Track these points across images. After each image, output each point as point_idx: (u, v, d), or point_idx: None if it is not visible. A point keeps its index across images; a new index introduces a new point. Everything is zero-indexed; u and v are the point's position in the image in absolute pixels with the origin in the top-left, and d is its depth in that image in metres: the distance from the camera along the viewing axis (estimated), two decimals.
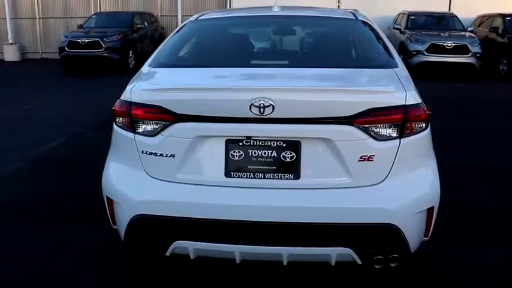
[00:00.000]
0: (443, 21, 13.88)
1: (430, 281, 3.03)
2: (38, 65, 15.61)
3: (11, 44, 17.19)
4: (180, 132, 2.49)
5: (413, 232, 2.52)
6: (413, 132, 2.48)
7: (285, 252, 2.45)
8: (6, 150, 5.89)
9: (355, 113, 2.36)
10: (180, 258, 2.65)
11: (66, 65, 13.23)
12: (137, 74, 2.95)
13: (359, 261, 2.48)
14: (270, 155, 2.45)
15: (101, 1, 17.69)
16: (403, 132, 2.44)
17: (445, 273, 3.09)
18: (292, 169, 2.44)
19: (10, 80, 12.67)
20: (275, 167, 2.45)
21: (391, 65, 2.87)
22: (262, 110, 2.35)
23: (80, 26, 14.57)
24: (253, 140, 2.45)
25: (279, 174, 2.45)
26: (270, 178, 2.45)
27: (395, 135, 2.43)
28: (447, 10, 15.27)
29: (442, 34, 12.67)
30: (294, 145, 2.43)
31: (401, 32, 13.44)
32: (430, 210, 2.57)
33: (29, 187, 4.69)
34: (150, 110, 2.53)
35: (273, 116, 2.36)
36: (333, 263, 2.49)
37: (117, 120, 2.70)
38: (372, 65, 2.94)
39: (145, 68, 2.98)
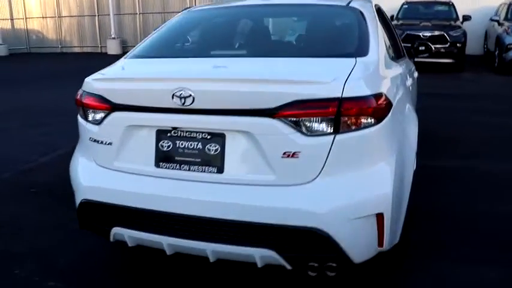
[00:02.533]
0: None
1: None
2: None
3: (114, 38, 18.53)
4: (115, 121, 2.51)
5: (354, 240, 2.29)
6: (356, 127, 2.25)
7: (208, 249, 2.37)
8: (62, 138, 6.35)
9: (278, 105, 2.19)
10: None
11: None
12: None
13: (288, 266, 2.32)
14: (195, 146, 2.38)
15: None
16: (339, 127, 2.23)
17: None
18: (216, 162, 2.35)
19: None
20: (200, 160, 2.38)
21: (359, 53, 2.63)
22: (183, 100, 2.29)
23: None
24: (180, 130, 2.39)
25: (203, 167, 2.37)
26: (194, 170, 2.39)
27: (328, 130, 2.22)
28: None
29: None
30: (219, 137, 2.33)
31: (499, 24, 12.31)
32: (379, 217, 2.32)
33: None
34: (94, 99, 2.58)
35: (194, 106, 2.29)
36: (259, 265, 2.35)
37: (78, 109, 2.79)
38: (334, 53, 2.72)
39: (119, 60, 3.04)
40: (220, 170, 2.34)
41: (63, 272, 3.04)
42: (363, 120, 2.26)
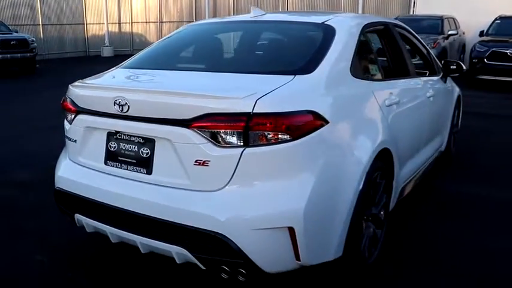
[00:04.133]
0: None
1: None
2: None
3: None
4: (78, 122, 2.92)
5: (261, 250, 2.44)
6: (268, 142, 2.41)
7: (138, 241, 2.66)
8: None
9: (192, 116, 2.43)
10: None
11: None
12: None
13: (201, 266, 2.55)
14: (133, 149, 2.69)
15: (289, 2, 18.81)
16: (249, 141, 2.40)
17: None
18: (146, 164, 2.64)
19: None
20: (135, 161, 2.69)
21: (302, 71, 2.75)
22: (121, 107, 2.62)
23: None
24: (123, 134, 2.72)
25: (137, 168, 2.67)
26: (131, 170, 2.70)
27: (237, 143, 2.41)
28: None
29: None
30: (150, 142, 2.62)
31: None
32: (291, 231, 2.44)
33: None
34: (69, 102, 3.02)
35: (131, 113, 2.61)
36: (178, 261, 2.59)
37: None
38: (275, 70, 2.87)
39: (111, 69, 3.45)
40: (149, 172, 2.64)
41: None
42: (279, 136, 2.41)
